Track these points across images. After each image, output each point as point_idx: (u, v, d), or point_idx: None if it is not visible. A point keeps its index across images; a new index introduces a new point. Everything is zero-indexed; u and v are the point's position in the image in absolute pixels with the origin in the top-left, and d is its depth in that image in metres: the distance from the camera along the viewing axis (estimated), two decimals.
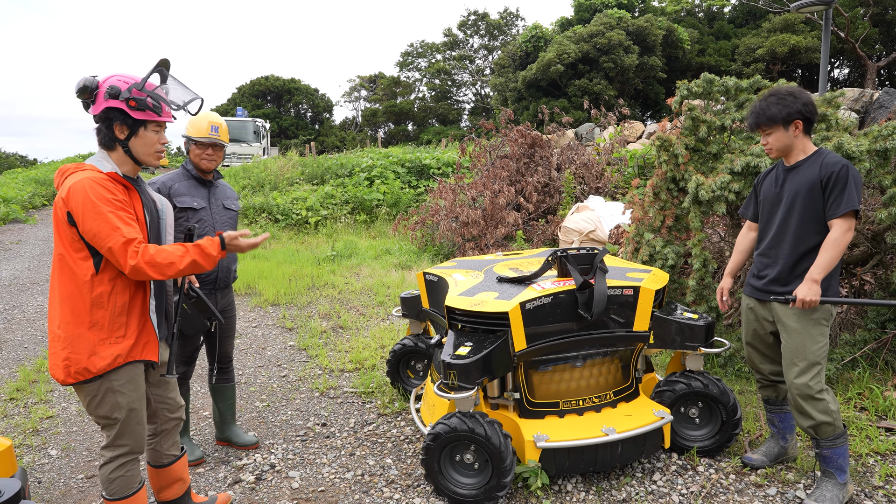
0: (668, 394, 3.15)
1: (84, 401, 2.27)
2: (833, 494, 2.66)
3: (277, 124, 40.07)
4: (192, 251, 2.23)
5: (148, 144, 2.27)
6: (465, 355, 2.71)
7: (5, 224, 12.60)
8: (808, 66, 26.30)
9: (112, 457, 2.32)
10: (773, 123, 2.68)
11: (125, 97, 2.17)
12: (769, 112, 2.68)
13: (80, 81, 2.19)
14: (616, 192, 9.09)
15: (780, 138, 2.70)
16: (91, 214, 2.09)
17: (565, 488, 2.95)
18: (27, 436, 3.72)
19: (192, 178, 3.20)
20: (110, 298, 2.19)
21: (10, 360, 5.15)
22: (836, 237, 2.54)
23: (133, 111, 2.19)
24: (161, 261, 2.15)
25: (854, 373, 3.86)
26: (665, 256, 4.30)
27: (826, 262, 2.55)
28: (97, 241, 2.11)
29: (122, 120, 2.21)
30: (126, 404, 2.26)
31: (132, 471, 2.37)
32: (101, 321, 2.18)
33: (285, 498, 2.98)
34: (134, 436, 2.33)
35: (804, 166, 2.68)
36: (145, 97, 2.20)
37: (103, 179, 2.16)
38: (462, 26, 40.49)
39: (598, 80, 24.99)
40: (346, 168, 14.47)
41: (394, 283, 7.44)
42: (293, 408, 4.07)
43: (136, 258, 2.11)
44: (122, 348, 2.21)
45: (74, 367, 2.17)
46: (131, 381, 2.27)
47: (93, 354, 2.17)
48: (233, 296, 3.43)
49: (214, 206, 3.23)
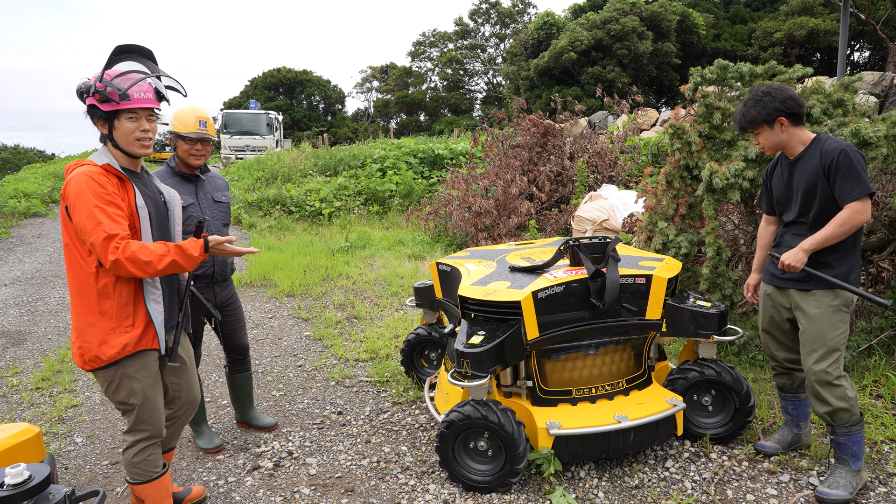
0: (680, 381, 3.16)
1: (102, 386, 2.35)
2: (847, 481, 2.66)
3: (290, 116, 40.20)
4: (174, 251, 2.23)
5: (125, 134, 2.25)
6: (478, 344, 2.75)
7: (26, 218, 12.84)
8: (828, 50, 25.78)
9: (133, 441, 2.40)
10: (756, 125, 2.71)
11: (92, 93, 2.19)
12: (749, 116, 2.71)
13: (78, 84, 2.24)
14: (629, 181, 9.03)
15: (768, 137, 2.72)
16: (80, 209, 2.14)
17: (578, 475, 2.98)
18: (53, 424, 3.83)
19: (177, 175, 3.13)
20: (115, 289, 2.24)
21: (34, 350, 5.29)
22: (843, 217, 2.53)
23: (101, 104, 2.20)
24: (142, 258, 2.16)
25: (870, 360, 3.84)
26: (678, 245, 4.28)
27: (823, 237, 2.56)
28: (83, 235, 2.15)
29: (99, 115, 2.24)
30: (141, 390, 2.32)
31: (154, 455, 2.44)
32: (109, 311, 2.24)
33: (303, 484, 3.05)
34: (152, 421, 2.39)
35: (806, 157, 2.67)
36: (104, 88, 2.17)
37: (96, 172, 2.20)
38: (474, 15, 40.21)
39: (612, 68, 24.71)
40: (359, 159, 14.50)
41: (407, 273, 7.49)
42: (309, 396, 4.14)
43: (116, 254, 2.12)
44: (131, 338, 2.26)
45: (87, 354, 2.25)
46: (145, 368, 2.33)
47: (103, 343, 2.24)
48: (234, 288, 3.42)
49: (203, 200, 3.18)
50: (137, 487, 2.43)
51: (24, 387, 4.46)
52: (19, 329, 5.91)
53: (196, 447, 3.43)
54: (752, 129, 2.75)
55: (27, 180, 17.32)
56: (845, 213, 2.53)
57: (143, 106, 2.25)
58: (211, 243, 2.33)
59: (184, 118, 3.05)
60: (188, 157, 3.11)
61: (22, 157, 44.26)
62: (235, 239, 2.43)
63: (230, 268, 3.36)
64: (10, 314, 6.41)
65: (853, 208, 2.52)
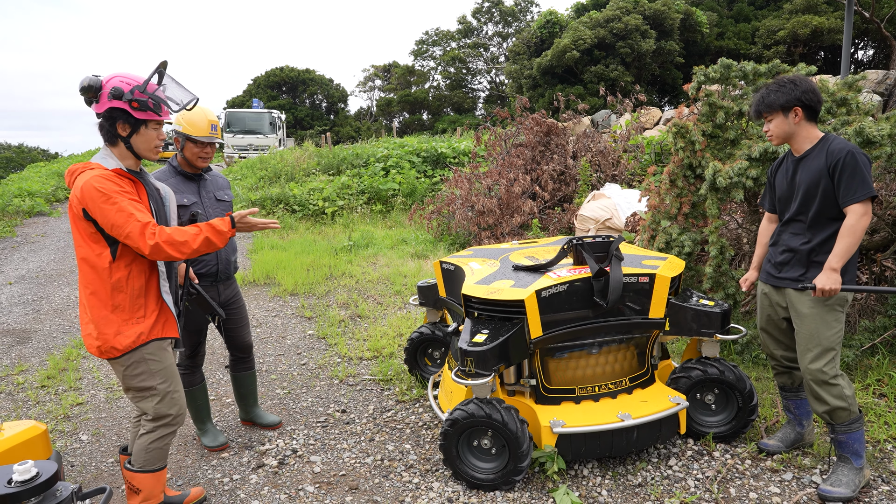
0: (683, 380, 3.17)
1: (119, 375, 2.44)
2: (849, 479, 2.67)
3: (293, 115, 40.25)
4: (206, 229, 2.39)
5: (148, 141, 2.42)
6: (481, 343, 2.76)
7: (30, 217, 12.88)
8: (832, 48, 25.68)
9: (155, 426, 2.49)
10: (772, 110, 2.70)
11: (128, 98, 2.31)
12: (768, 99, 2.70)
13: (84, 80, 2.32)
14: (632, 180, 9.02)
15: (779, 125, 2.70)
16: (106, 207, 2.25)
17: (581, 473, 2.99)
18: (59, 421, 3.86)
19: (179, 175, 3.17)
20: (128, 282, 2.37)
21: (39, 348, 5.32)
22: (851, 223, 2.52)
23: (135, 111, 2.34)
24: (178, 239, 2.32)
25: (873, 359, 3.84)
26: (681, 244, 4.29)
27: (844, 250, 2.54)
28: (115, 230, 2.26)
29: (125, 119, 2.36)
30: (159, 370, 2.45)
31: (168, 444, 2.54)
32: (122, 304, 2.37)
33: (307, 482, 3.06)
34: (177, 403, 2.51)
35: (812, 155, 2.66)
36: (146, 98, 2.34)
37: (111, 175, 2.33)
38: (476, 13, 40.16)
39: (615, 66, 24.67)
40: (362, 158, 14.51)
41: (410, 272, 7.50)
42: (313, 395, 4.15)
43: (154, 238, 2.27)
44: (144, 327, 2.40)
45: (104, 346, 2.37)
46: (161, 351, 2.46)
47: (118, 334, 2.37)
48: (237, 287, 3.44)
49: (206, 199, 3.21)
50: (139, 476, 2.49)
51: (29, 384, 4.48)
52: (24, 327, 5.94)
53: (201, 445, 3.45)
54: (767, 113, 2.73)
55: (31, 179, 17.38)
56: (851, 220, 2.53)
57: (168, 119, 2.47)
58: (236, 217, 2.46)
59: (196, 122, 3.06)
60: (196, 160, 3.14)
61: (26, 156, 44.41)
62: (258, 210, 2.51)
63: (233, 266, 3.37)
64: (16, 312, 6.44)
65: (856, 212, 2.52)
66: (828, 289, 2.55)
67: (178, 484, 3.08)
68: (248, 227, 2.49)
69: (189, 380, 3.30)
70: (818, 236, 2.66)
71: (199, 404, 3.39)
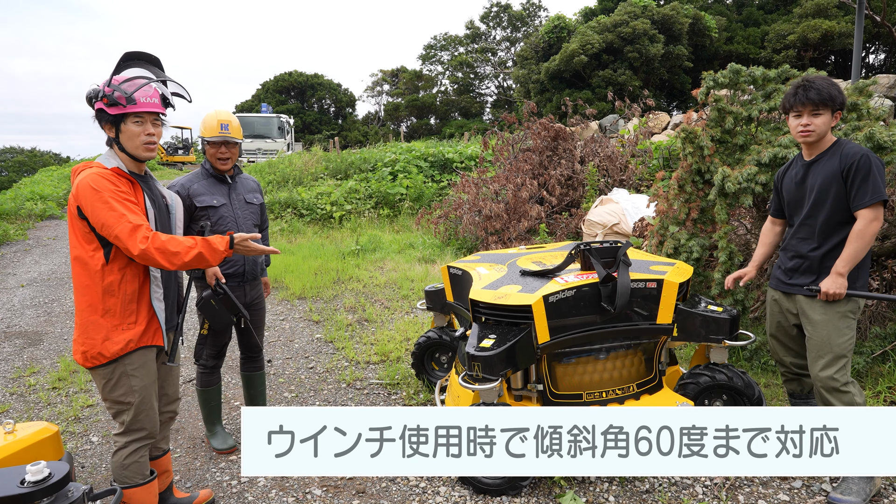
0: (692, 386, 3.15)
1: (99, 384, 2.37)
2: (859, 487, 2.65)
3: (301, 120, 40.45)
4: (201, 244, 2.31)
5: (131, 138, 2.31)
6: (489, 347, 2.76)
7: (42, 220, 13.02)
8: (842, 53, 25.53)
9: (127, 441, 2.40)
10: (826, 106, 2.60)
11: (101, 97, 2.26)
12: (831, 91, 2.59)
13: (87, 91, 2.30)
14: (640, 185, 9.00)
15: (825, 122, 2.62)
16: (98, 205, 2.19)
17: (589, 479, 2.98)
18: (69, 423, 3.89)
19: (211, 177, 3.22)
20: (120, 287, 2.30)
21: (51, 351, 5.37)
22: (861, 228, 2.51)
23: (108, 108, 2.27)
24: (171, 249, 2.24)
25: (884, 366, 3.81)
26: (690, 249, 4.27)
27: (851, 254, 2.53)
28: (105, 229, 2.20)
29: (106, 119, 2.31)
30: (139, 388, 2.36)
31: (145, 457, 2.45)
32: (113, 308, 2.29)
33: (315, 485, 3.07)
34: (149, 420, 2.42)
35: (824, 159, 2.65)
36: (112, 92, 2.24)
37: (108, 174, 2.27)
38: (484, 18, 40.29)
39: (623, 71, 24.64)
40: (370, 163, 14.56)
41: (418, 276, 7.52)
42: (321, 398, 4.17)
43: (145, 243, 2.19)
44: (134, 334, 2.33)
45: (90, 352, 2.30)
46: (144, 366, 2.38)
47: (106, 340, 2.29)
48: (262, 288, 3.48)
49: (235, 201, 3.25)
50: (127, 492, 2.40)
51: (41, 386, 4.53)
52: (36, 329, 6.00)
53: (210, 447, 3.47)
54: (823, 106, 2.59)
55: (43, 183, 17.56)
56: (861, 224, 2.51)
57: (148, 110, 2.31)
58: (236, 239, 2.40)
59: (206, 122, 3.14)
60: (214, 161, 3.19)
61: (38, 160, 44.84)
62: (260, 236, 2.48)
63: (260, 267, 3.40)
64: (28, 315, 6.51)
65: (866, 216, 2.50)
66: (832, 292, 2.54)
67: (187, 486, 3.10)
68: (247, 251, 2.43)
69: (208, 379, 3.33)
70: (828, 242, 2.65)
71: (212, 405, 3.41)
